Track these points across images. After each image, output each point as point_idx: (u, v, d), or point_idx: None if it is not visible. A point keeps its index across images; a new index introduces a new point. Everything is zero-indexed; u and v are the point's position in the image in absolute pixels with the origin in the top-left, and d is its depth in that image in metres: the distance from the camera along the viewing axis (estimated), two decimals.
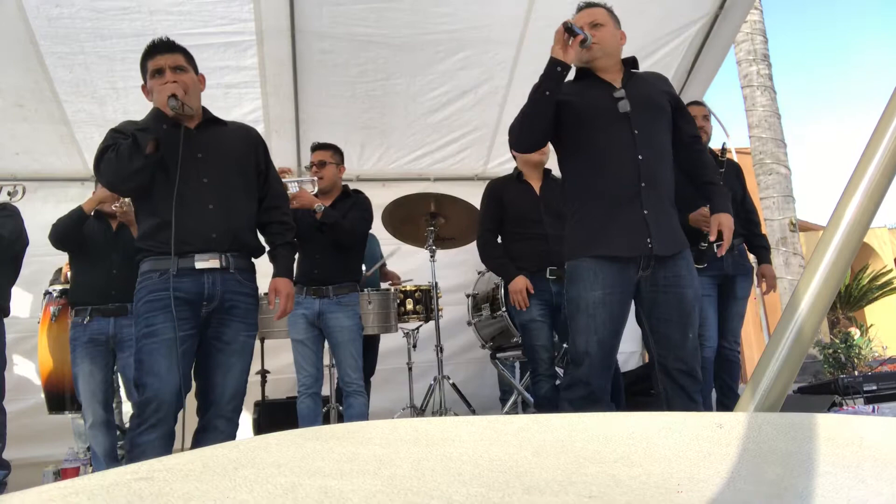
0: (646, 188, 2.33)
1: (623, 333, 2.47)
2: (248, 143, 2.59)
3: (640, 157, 2.34)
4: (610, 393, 2.53)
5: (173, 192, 2.32)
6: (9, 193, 3.51)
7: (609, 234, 2.34)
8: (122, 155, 2.24)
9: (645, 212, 2.32)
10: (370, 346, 4.37)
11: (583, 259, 2.39)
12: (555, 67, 2.28)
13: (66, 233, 3.31)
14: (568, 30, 2.26)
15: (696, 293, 2.41)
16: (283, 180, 3.30)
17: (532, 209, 3.48)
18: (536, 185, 3.53)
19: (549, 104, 2.33)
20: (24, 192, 3.58)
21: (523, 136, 2.47)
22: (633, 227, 2.32)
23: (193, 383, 2.42)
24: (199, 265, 2.33)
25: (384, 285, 4.62)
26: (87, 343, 3.34)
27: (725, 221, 2.43)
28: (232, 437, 2.43)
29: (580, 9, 2.55)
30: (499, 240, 3.62)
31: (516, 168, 3.62)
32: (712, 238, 2.45)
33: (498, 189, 3.58)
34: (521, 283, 3.35)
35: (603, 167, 2.38)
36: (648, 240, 2.31)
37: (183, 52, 2.46)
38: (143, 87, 2.48)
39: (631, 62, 2.56)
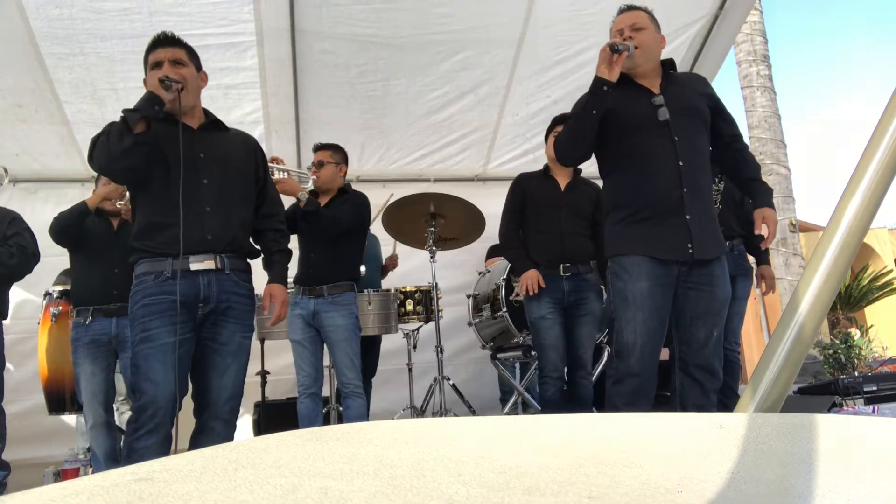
0: (688, 193, 2.38)
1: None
2: (248, 149, 2.60)
3: (681, 163, 2.38)
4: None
5: (170, 190, 2.33)
6: None
7: (652, 238, 2.40)
8: (112, 136, 2.24)
9: (688, 217, 2.37)
10: (371, 347, 4.36)
11: (626, 256, 2.44)
12: (601, 87, 2.34)
13: (67, 226, 3.32)
14: (614, 50, 2.30)
15: (726, 295, 2.46)
16: (275, 167, 3.31)
17: (552, 203, 3.50)
18: (563, 182, 3.56)
19: (596, 122, 2.40)
20: (6, 173, 3.59)
21: (571, 151, 2.55)
22: (675, 232, 2.38)
23: (190, 385, 2.41)
24: (194, 266, 2.33)
25: (384, 285, 4.62)
26: (88, 344, 3.34)
27: (769, 215, 2.47)
28: (229, 438, 2.43)
29: (621, 11, 2.58)
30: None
31: (546, 163, 3.65)
32: (757, 232, 2.48)
33: (523, 181, 3.64)
34: (533, 272, 3.38)
35: (645, 174, 2.43)
36: (689, 244, 2.36)
37: (185, 47, 2.47)
38: (144, 81, 2.48)
39: (669, 64, 2.59)
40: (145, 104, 2.28)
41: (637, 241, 2.42)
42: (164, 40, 2.43)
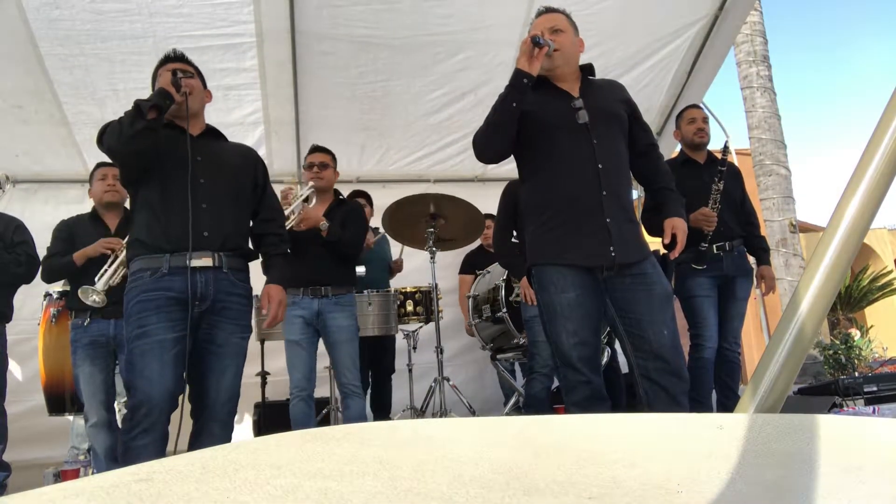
0: (607, 197, 2.34)
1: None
2: (247, 158, 2.68)
3: (599, 166, 2.35)
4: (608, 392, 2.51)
5: (168, 188, 2.39)
6: None
7: (572, 243, 2.35)
8: (124, 121, 2.31)
9: (607, 220, 2.33)
10: (386, 347, 4.38)
11: (548, 266, 2.39)
12: (521, 79, 2.30)
13: (59, 273, 3.43)
14: (535, 43, 2.27)
15: (664, 290, 2.38)
16: (290, 200, 3.37)
17: None
18: None
19: (516, 115, 2.35)
20: (7, 180, 3.64)
21: (489, 146, 2.47)
22: (595, 235, 2.33)
23: (186, 387, 2.41)
24: (192, 263, 2.34)
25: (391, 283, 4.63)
26: (87, 345, 3.34)
27: (679, 225, 2.44)
28: (227, 440, 2.43)
29: (540, 13, 2.54)
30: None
31: None
32: (666, 241, 2.45)
33: (515, 187, 3.64)
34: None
35: (564, 177, 2.39)
36: (611, 248, 2.31)
37: (193, 65, 2.60)
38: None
39: (588, 69, 2.57)
40: (157, 95, 2.37)
41: (558, 249, 2.36)
42: (175, 57, 2.57)
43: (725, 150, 3.60)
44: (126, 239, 2.58)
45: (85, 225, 3.51)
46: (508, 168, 5.33)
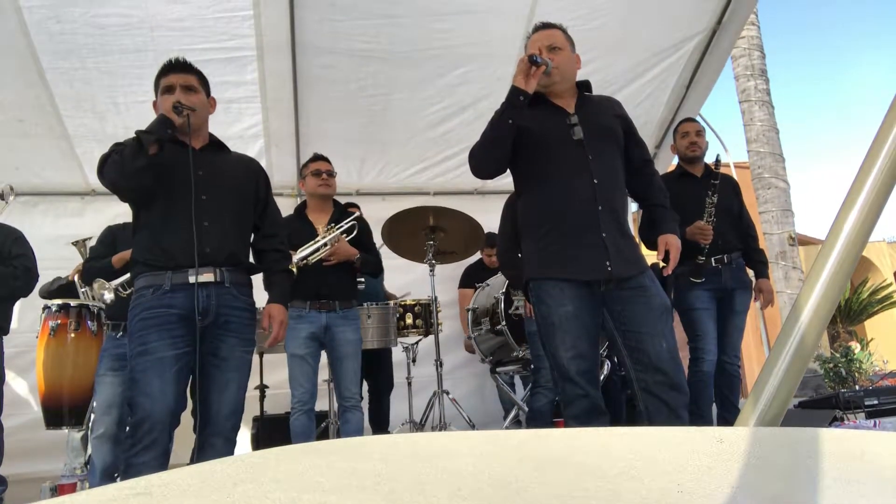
0: (602, 211, 2.36)
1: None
2: (249, 171, 2.65)
3: (595, 181, 2.37)
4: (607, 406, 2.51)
5: (171, 206, 2.37)
6: (1, 196, 3.57)
7: (569, 257, 2.36)
8: (125, 155, 2.28)
9: (603, 234, 2.34)
10: (381, 362, 4.37)
11: (546, 280, 2.39)
12: (517, 97, 2.32)
13: (102, 274, 3.40)
14: (533, 62, 2.29)
15: (663, 303, 2.38)
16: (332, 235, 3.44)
17: None
18: None
19: (512, 132, 2.37)
20: (12, 191, 3.64)
21: (485, 162, 2.50)
22: (592, 250, 2.34)
23: (189, 401, 2.40)
24: (193, 279, 2.34)
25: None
26: (115, 357, 3.35)
27: (672, 242, 2.46)
28: (230, 455, 2.42)
29: (537, 29, 2.56)
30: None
31: None
32: (659, 257, 2.46)
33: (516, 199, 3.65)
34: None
35: (560, 192, 2.41)
36: (607, 262, 2.32)
37: (197, 73, 2.53)
38: (154, 104, 2.53)
39: (584, 85, 2.59)
40: (159, 126, 2.33)
41: (555, 263, 2.38)
42: (177, 66, 2.49)
43: (717, 163, 3.61)
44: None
45: (129, 232, 3.52)
46: (508, 181, 5.34)
